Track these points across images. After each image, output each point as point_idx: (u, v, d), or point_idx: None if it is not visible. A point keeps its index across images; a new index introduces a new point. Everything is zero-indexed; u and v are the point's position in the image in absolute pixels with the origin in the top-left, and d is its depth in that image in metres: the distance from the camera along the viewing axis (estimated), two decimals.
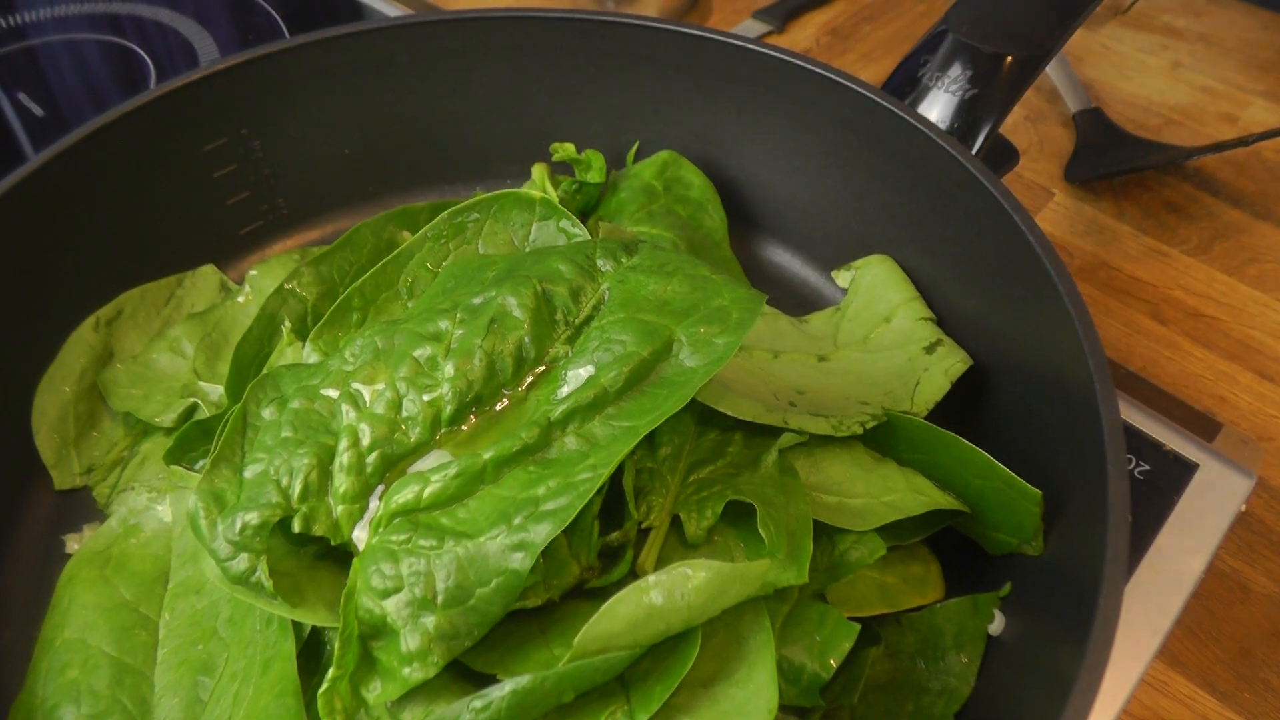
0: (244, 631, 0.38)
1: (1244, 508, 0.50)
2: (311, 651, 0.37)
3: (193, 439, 0.45)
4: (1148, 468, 0.51)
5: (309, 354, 0.43)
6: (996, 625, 0.41)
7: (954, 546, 0.43)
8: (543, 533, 0.30)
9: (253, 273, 0.53)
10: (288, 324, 0.47)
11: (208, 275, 0.55)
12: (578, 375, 0.34)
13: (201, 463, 0.45)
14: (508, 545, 0.31)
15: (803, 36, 0.86)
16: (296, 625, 0.36)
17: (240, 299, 0.52)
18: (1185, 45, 0.85)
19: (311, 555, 0.36)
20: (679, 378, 0.33)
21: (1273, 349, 0.63)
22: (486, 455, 0.33)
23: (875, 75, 0.81)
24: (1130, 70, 0.83)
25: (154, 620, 0.42)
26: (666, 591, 0.29)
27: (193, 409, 0.48)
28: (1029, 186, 0.73)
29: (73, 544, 0.46)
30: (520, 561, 0.30)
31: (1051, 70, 0.80)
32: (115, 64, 0.78)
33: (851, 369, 0.47)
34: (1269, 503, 0.55)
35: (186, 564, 0.43)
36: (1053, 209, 0.72)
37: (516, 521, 0.31)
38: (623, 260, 0.38)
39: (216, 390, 0.48)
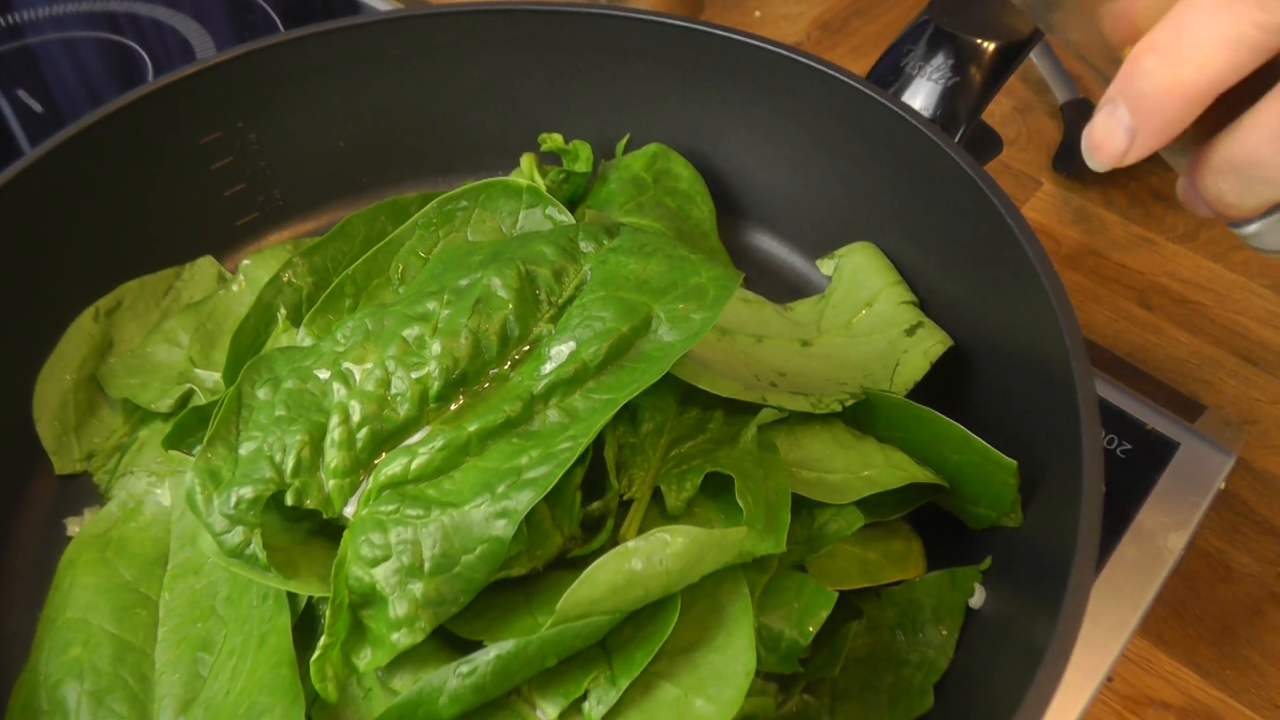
0: (241, 609, 0.39)
1: (1223, 485, 0.51)
2: (307, 626, 0.38)
3: (190, 425, 0.46)
4: (1129, 447, 0.51)
5: (303, 338, 0.44)
6: (977, 599, 0.41)
7: (936, 523, 0.44)
8: (524, 500, 0.31)
9: (246, 262, 0.54)
10: (283, 311, 0.48)
11: (206, 266, 0.56)
12: (560, 352, 0.35)
13: (199, 448, 0.46)
14: (491, 513, 0.32)
15: (793, 31, 0.87)
16: (291, 599, 0.37)
17: (234, 288, 0.53)
18: None
19: (305, 530, 0.37)
20: (657, 352, 0.34)
21: (1257, 334, 0.63)
22: (471, 428, 0.34)
23: (865, 69, 0.81)
24: None
25: (154, 600, 0.43)
26: (646, 557, 0.30)
27: (189, 395, 0.49)
28: (1017, 176, 0.74)
29: (73, 527, 0.47)
30: (503, 529, 0.31)
31: (1039, 61, 0.81)
32: (113, 61, 0.79)
33: (833, 353, 0.48)
34: (1252, 484, 0.56)
35: (185, 546, 0.44)
36: (1041, 198, 0.73)
37: (500, 490, 0.32)
38: (604, 242, 0.39)
39: (212, 377, 0.49)
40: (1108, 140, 0.32)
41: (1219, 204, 0.32)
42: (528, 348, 0.37)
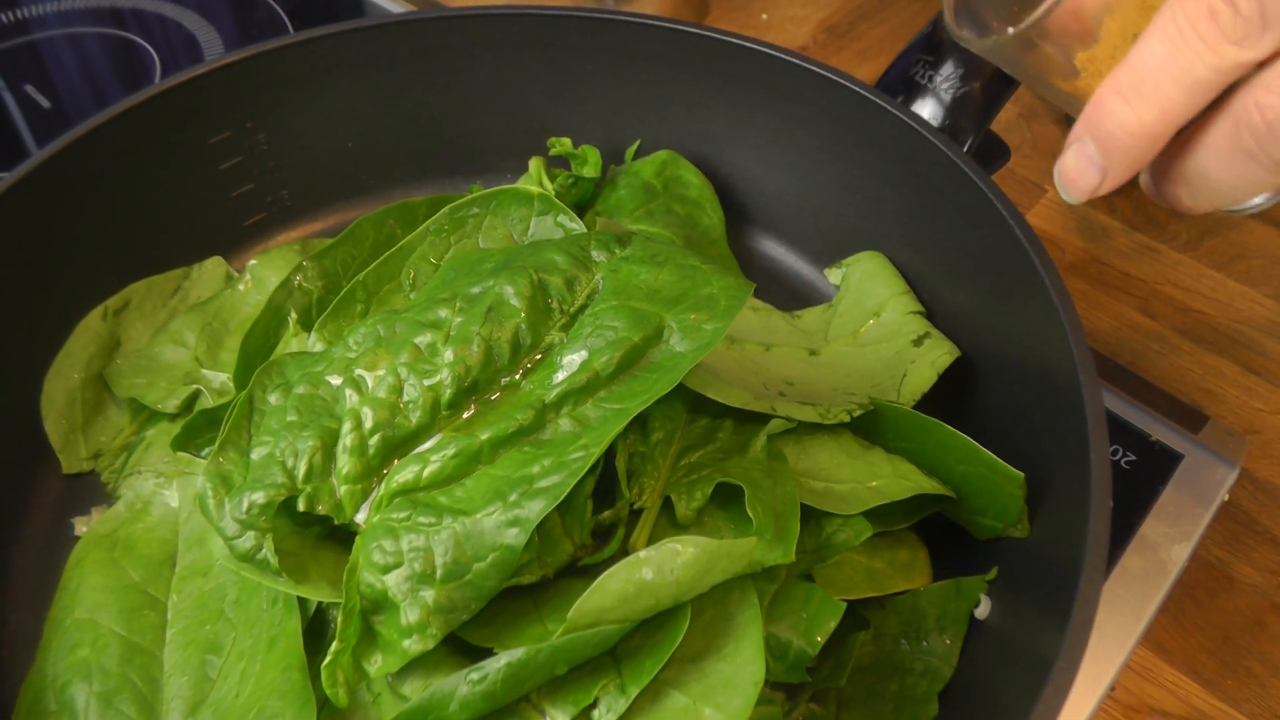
0: (250, 612, 0.40)
1: (1227, 497, 0.51)
2: (316, 630, 0.38)
3: (199, 427, 0.46)
4: (1134, 458, 0.52)
5: (314, 343, 0.44)
6: (983, 609, 0.41)
7: (943, 534, 0.44)
8: (536, 509, 0.32)
9: (252, 262, 0.54)
10: (293, 315, 0.48)
11: (214, 267, 0.56)
12: (571, 360, 0.35)
13: (207, 449, 0.46)
14: (503, 521, 0.32)
15: (799, 34, 0.87)
16: (301, 603, 0.37)
17: (240, 288, 0.53)
18: None
19: (315, 536, 0.37)
20: (669, 362, 0.34)
21: (1260, 343, 0.64)
22: (483, 436, 0.34)
23: (871, 73, 0.81)
24: None
25: (162, 602, 0.43)
26: (656, 567, 0.31)
27: (195, 396, 0.49)
28: (1022, 183, 0.74)
29: (81, 527, 0.47)
30: (515, 537, 0.31)
31: None
32: (119, 58, 0.79)
33: (841, 362, 0.48)
34: (1254, 494, 0.56)
35: (193, 547, 0.44)
36: (1045, 205, 0.73)
37: (511, 499, 0.32)
38: (616, 251, 0.39)
39: (218, 377, 0.49)
40: (1081, 177, 0.35)
41: (1176, 205, 0.36)
42: (539, 356, 0.37)
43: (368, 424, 0.36)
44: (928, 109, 0.53)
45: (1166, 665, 0.49)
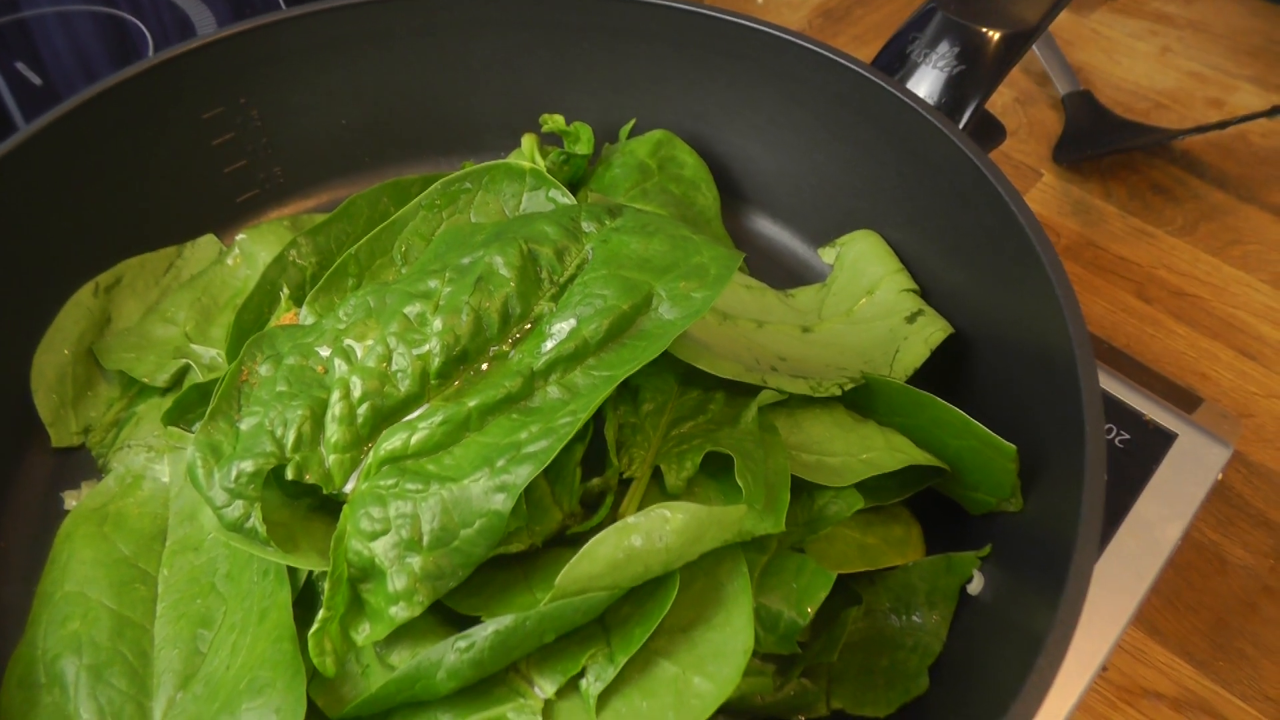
0: (241, 585, 0.39)
1: (1220, 477, 0.51)
2: (307, 603, 0.37)
3: (191, 401, 0.46)
4: (1128, 437, 0.52)
5: (305, 316, 0.44)
6: (976, 585, 0.41)
7: (937, 511, 0.44)
8: (523, 474, 0.31)
9: (241, 237, 0.54)
10: (286, 291, 0.48)
11: (207, 245, 0.56)
12: (560, 329, 0.35)
13: (198, 424, 0.46)
14: (490, 487, 0.32)
15: (795, 18, 0.87)
16: (292, 575, 0.37)
17: (229, 262, 0.53)
18: (1174, 31, 0.86)
19: (306, 507, 0.37)
20: (657, 330, 0.34)
21: (1254, 328, 0.64)
22: (471, 404, 0.34)
23: (867, 58, 0.81)
24: (1120, 54, 0.84)
25: (152, 576, 0.42)
26: (646, 534, 0.30)
27: (185, 370, 0.48)
28: (1017, 167, 0.74)
29: (70, 500, 0.47)
30: (502, 503, 0.31)
31: (1041, 53, 0.81)
32: (111, 36, 0.78)
33: (834, 339, 0.48)
34: (1247, 477, 0.56)
35: (184, 522, 0.44)
36: (1041, 189, 0.73)
37: (499, 465, 0.32)
38: (606, 222, 0.39)
39: (208, 352, 0.49)
40: None
41: None
42: (529, 325, 0.37)
43: (356, 393, 0.35)
44: (924, 87, 0.53)
45: (1159, 646, 0.49)
